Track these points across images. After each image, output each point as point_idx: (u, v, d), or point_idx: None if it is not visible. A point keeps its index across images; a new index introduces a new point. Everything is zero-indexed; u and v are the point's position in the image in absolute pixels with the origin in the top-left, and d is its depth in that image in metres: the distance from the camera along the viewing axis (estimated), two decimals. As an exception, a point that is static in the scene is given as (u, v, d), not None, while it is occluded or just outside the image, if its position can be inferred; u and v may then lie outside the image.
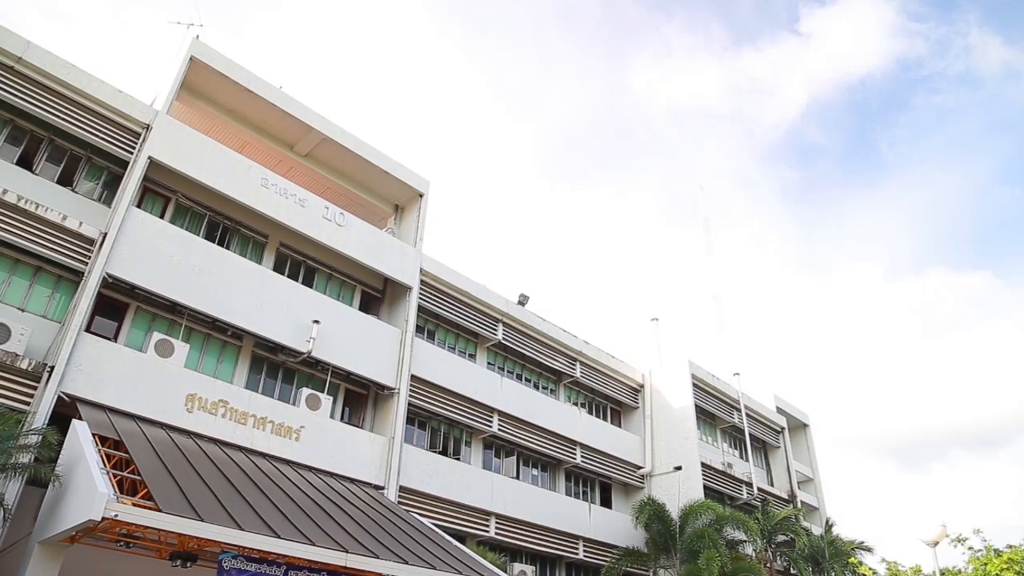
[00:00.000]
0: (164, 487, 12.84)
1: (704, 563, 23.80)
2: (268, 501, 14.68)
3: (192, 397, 17.09)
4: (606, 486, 30.38)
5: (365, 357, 21.22)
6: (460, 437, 25.31)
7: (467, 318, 26.04)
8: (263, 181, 20.09)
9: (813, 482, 40.49)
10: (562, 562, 26.72)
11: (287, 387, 20.46)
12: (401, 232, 24.91)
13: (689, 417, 31.31)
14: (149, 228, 17.61)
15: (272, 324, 19.27)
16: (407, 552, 15.23)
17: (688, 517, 26.12)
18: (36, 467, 12.98)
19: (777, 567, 30.32)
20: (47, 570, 12.47)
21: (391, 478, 20.42)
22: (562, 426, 27.76)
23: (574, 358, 29.94)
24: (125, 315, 17.88)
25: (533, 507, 25.31)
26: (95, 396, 15.53)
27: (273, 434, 18.30)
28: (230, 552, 12.86)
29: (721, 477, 31.94)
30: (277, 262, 21.24)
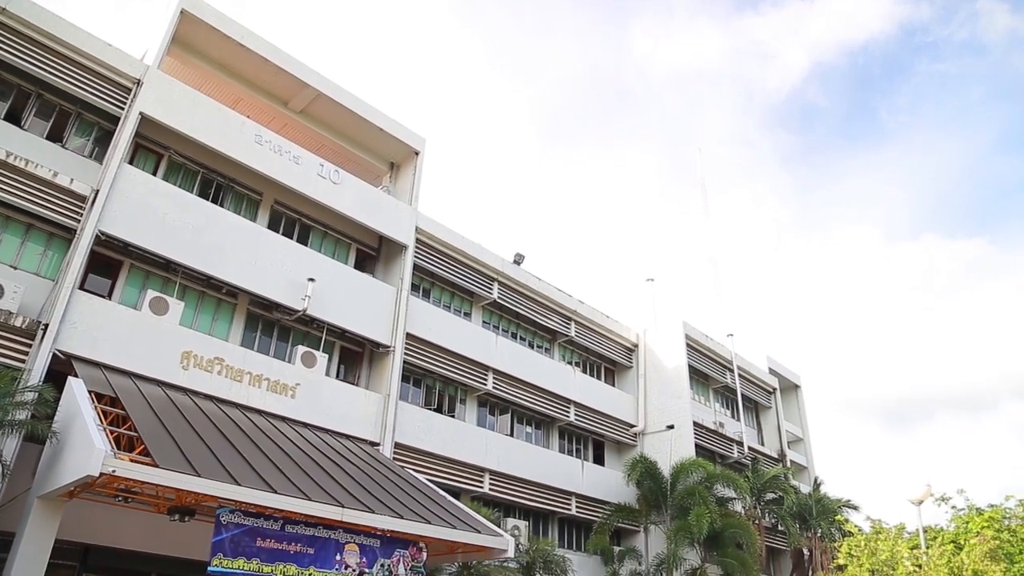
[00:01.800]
0: (161, 443, 12.97)
1: (694, 519, 24.22)
2: (264, 457, 14.85)
3: (187, 355, 17.15)
4: (599, 444, 30.75)
5: (360, 315, 21.27)
6: (455, 395, 25.52)
7: (462, 277, 26.06)
8: (257, 138, 19.90)
9: (803, 442, 41.03)
10: (555, 517, 27.17)
11: (282, 345, 20.54)
12: (396, 190, 24.77)
13: (682, 377, 31.59)
14: (142, 185, 17.49)
15: (267, 282, 19.26)
16: (402, 507, 15.47)
17: (679, 475, 26.50)
18: (33, 424, 13.09)
19: (765, 524, 30.87)
20: (47, 524, 12.66)
21: (386, 435, 20.64)
22: (556, 384, 27.99)
23: (569, 317, 30.06)
24: (119, 273, 17.85)
25: (527, 464, 25.64)
26: (90, 354, 15.59)
27: (269, 391, 18.43)
28: (227, 507, 13.05)
29: (712, 436, 32.33)
30: (271, 220, 21.15)
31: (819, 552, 30.37)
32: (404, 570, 15.32)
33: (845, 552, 13.32)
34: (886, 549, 12.73)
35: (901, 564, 12.53)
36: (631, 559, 26.28)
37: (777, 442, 37.61)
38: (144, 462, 12.08)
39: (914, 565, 12.48)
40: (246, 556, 13.10)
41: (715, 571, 25.61)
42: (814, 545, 30.89)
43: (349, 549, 14.59)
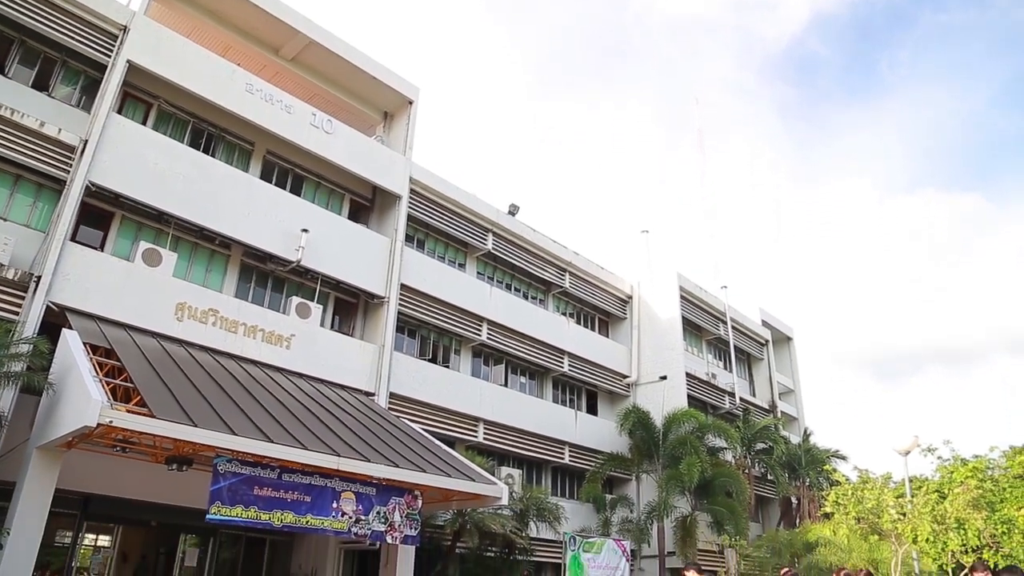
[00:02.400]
0: (157, 394, 13.05)
1: (685, 468, 24.61)
2: (260, 407, 14.97)
3: (182, 306, 17.16)
4: (592, 394, 31.07)
5: (354, 266, 21.25)
6: (449, 345, 25.66)
7: (457, 227, 25.98)
8: (248, 87, 19.59)
9: (794, 393, 41.49)
10: (548, 466, 27.58)
11: (277, 296, 20.55)
12: (390, 140, 24.51)
13: (676, 328, 31.76)
14: (131, 135, 17.27)
15: (260, 233, 19.18)
16: (397, 456, 15.67)
17: (671, 425, 26.83)
18: (29, 376, 13.14)
19: (755, 473, 31.39)
20: (46, 474, 12.80)
21: (381, 385, 20.80)
22: (550, 335, 28.15)
23: (563, 268, 30.08)
24: (111, 224, 17.74)
25: (520, 413, 25.93)
26: (84, 305, 15.57)
27: (264, 342, 18.49)
28: (224, 456, 13.21)
29: (705, 387, 32.66)
30: (264, 170, 20.96)
31: (807, 500, 30.98)
32: (400, 517, 15.59)
33: (832, 500, 13.59)
34: (872, 498, 12.98)
35: (886, 512, 12.79)
36: (623, 507, 26.76)
37: (768, 393, 38.03)
38: (141, 413, 12.17)
39: (899, 513, 12.76)
40: (244, 504, 13.30)
41: (705, 519, 26.12)
42: (802, 494, 31.49)
43: (345, 497, 14.82)
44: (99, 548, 19.39)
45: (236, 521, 13.43)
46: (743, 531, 24.55)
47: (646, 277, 33.59)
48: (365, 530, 15.01)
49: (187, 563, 19.41)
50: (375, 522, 15.13)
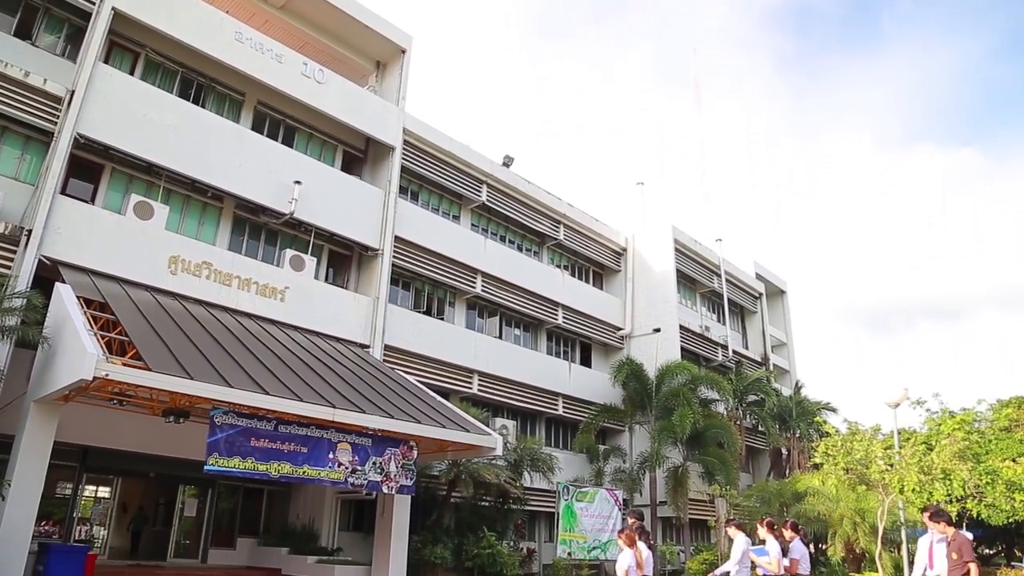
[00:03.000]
0: (152, 347, 13.07)
1: (677, 420, 24.91)
2: (256, 359, 15.03)
3: (175, 259, 17.08)
4: (586, 346, 31.26)
5: (348, 218, 21.13)
6: (444, 297, 25.70)
7: (451, 179, 25.80)
8: (237, 35, 19.20)
9: (786, 347, 41.80)
10: (542, 417, 27.88)
11: (270, 248, 20.47)
12: (383, 90, 24.14)
13: (670, 281, 31.84)
14: (119, 85, 16.96)
15: (252, 185, 19.00)
16: (392, 407, 15.80)
17: (664, 377, 27.07)
18: (24, 329, 13.14)
19: (746, 425, 31.82)
20: (44, 427, 12.89)
21: (376, 337, 20.87)
22: (545, 287, 28.21)
23: (558, 220, 29.99)
24: (101, 177, 17.53)
25: (515, 365, 26.12)
26: (76, 259, 15.49)
27: (258, 295, 18.48)
28: (221, 408, 13.30)
29: (698, 340, 32.87)
30: (255, 121, 20.67)
31: (797, 452, 31.46)
32: (395, 467, 15.80)
33: (822, 451, 13.78)
34: (861, 449, 13.16)
35: (874, 463, 12.99)
36: (616, 457, 27.17)
37: (761, 346, 38.32)
38: (136, 366, 12.20)
39: (887, 464, 12.96)
40: (241, 456, 13.45)
41: (696, 469, 26.54)
42: (792, 445, 31.96)
43: (342, 448, 14.99)
44: (99, 499, 19.69)
45: (234, 472, 13.60)
46: (734, 481, 24.96)
47: (641, 229, 33.55)
48: (361, 480, 15.22)
49: (186, 513, 19.71)
50: (371, 472, 15.33)
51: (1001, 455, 19.82)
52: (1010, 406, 28.73)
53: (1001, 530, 25.23)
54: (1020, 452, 20.16)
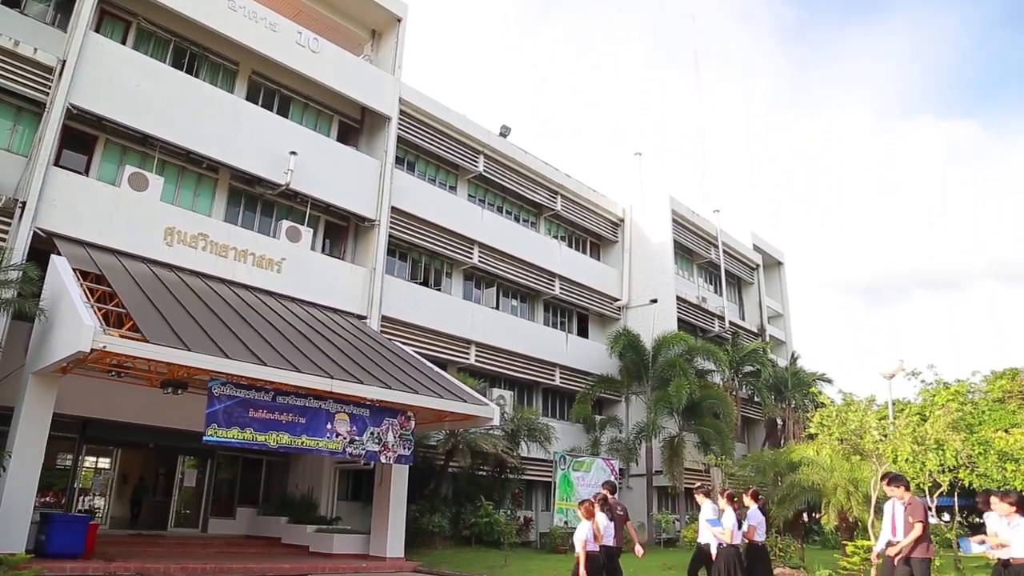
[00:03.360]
0: (149, 319, 13.09)
1: (674, 390, 25.06)
2: (253, 331, 15.06)
3: (171, 231, 17.03)
4: (583, 317, 31.32)
5: (344, 189, 21.03)
6: (441, 268, 25.69)
7: (448, 149, 25.66)
8: (230, 3, 18.91)
9: (782, 318, 41.93)
10: (539, 388, 28.02)
11: (267, 220, 20.40)
12: (378, 60, 23.90)
13: (667, 252, 31.83)
14: (111, 55, 16.75)
15: (248, 156, 18.88)
16: (390, 378, 15.87)
17: (661, 347, 27.19)
18: (20, 302, 13.12)
19: (742, 395, 32.01)
20: (43, 398, 12.95)
21: (373, 308, 20.89)
22: (542, 258, 28.19)
23: (555, 191, 29.88)
24: (94, 148, 17.40)
25: (512, 336, 26.19)
26: (71, 231, 15.43)
27: (255, 266, 18.45)
28: (219, 379, 13.36)
29: (695, 310, 32.95)
30: (250, 91, 20.48)
31: (792, 422, 31.71)
32: (393, 437, 15.92)
33: (817, 422, 13.88)
34: (855, 419, 13.24)
35: (868, 433, 13.08)
36: (612, 427, 27.37)
37: (757, 317, 38.42)
38: (134, 337, 12.23)
39: (881, 434, 13.06)
40: (240, 426, 13.55)
41: (692, 439, 26.77)
42: (787, 416, 32.20)
43: (340, 418, 15.09)
44: (100, 470, 19.81)
45: (232, 443, 13.71)
46: (729, 451, 25.19)
47: (638, 200, 33.43)
48: (359, 450, 15.36)
49: (186, 483, 19.87)
50: (369, 442, 15.46)
51: (994, 425, 20.02)
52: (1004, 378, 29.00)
53: (992, 499, 25.55)
54: (1012, 423, 20.38)
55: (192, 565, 13.87)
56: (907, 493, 8.85)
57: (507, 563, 15.99)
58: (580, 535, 8.94)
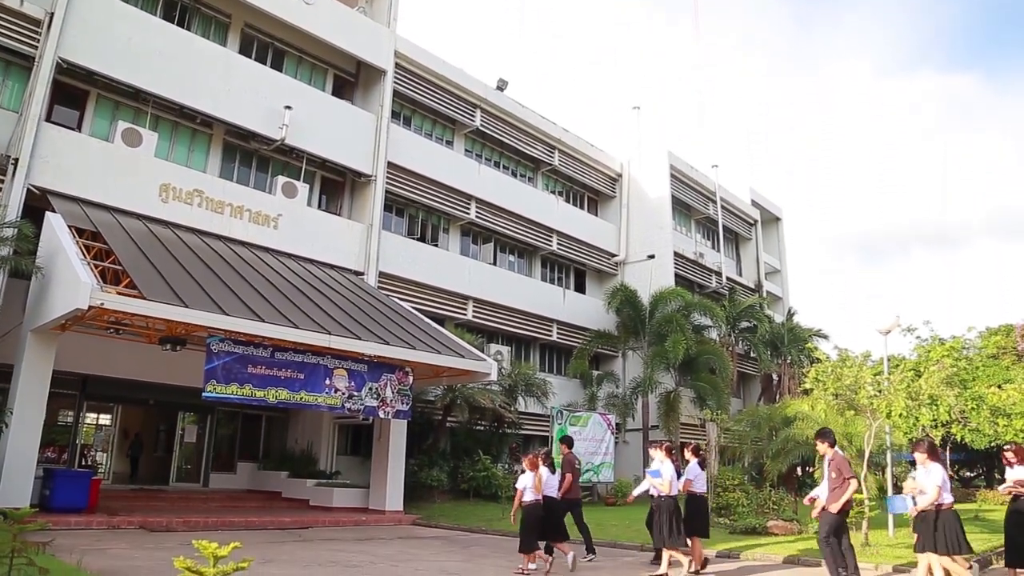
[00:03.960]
0: (146, 275, 13.07)
1: (671, 346, 25.17)
2: (250, 287, 15.06)
3: (166, 187, 16.89)
4: (580, 273, 31.33)
5: (340, 144, 20.82)
6: (438, 224, 25.59)
7: (444, 103, 25.35)
8: (221, -48, 18.52)
9: (780, 274, 41.95)
10: (536, 343, 28.15)
11: (262, 175, 20.24)
12: (373, 12, 23.41)
13: (665, 207, 31.69)
14: (100, 7, 16.40)
15: (242, 110, 18.65)
16: (388, 333, 15.93)
17: (658, 303, 27.24)
18: (16, 260, 13.07)
19: (738, 351, 32.17)
20: (42, 356, 13.00)
21: (370, 264, 20.86)
22: (539, 213, 28.07)
23: (552, 146, 29.62)
24: (86, 103, 17.15)
25: (509, 292, 26.22)
26: (66, 188, 15.31)
27: (251, 222, 18.36)
28: (217, 336, 13.40)
29: (692, 266, 32.95)
30: (243, 45, 20.12)
31: (787, 378, 31.92)
32: (391, 393, 16.05)
33: (812, 377, 13.94)
34: (851, 375, 13.30)
35: (863, 388, 13.17)
36: (609, 382, 27.56)
37: (755, 273, 38.44)
38: (131, 295, 12.23)
39: (875, 390, 13.14)
40: (238, 382, 13.63)
41: (688, 394, 26.98)
42: (783, 371, 32.41)
43: (338, 374, 15.19)
44: (101, 426, 19.98)
45: (232, 398, 13.81)
46: (725, 406, 25.40)
47: (636, 155, 33.16)
48: (358, 405, 15.50)
49: (187, 439, 20.08)
50: (367, 398, 15.58)
51: (987, 381, 20.17)
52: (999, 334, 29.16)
53: (983, 454, 25.94)
54: (1006, 379, 20.54)
55: (194, 519, 14.09)
56: (830, 449, 9.10)
57: (504, 516, 16.20)
58: (519, 484, 9.92)
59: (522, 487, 9.90)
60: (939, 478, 7.89)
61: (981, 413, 17.48)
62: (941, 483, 7.87)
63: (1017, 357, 27.28)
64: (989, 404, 17.70)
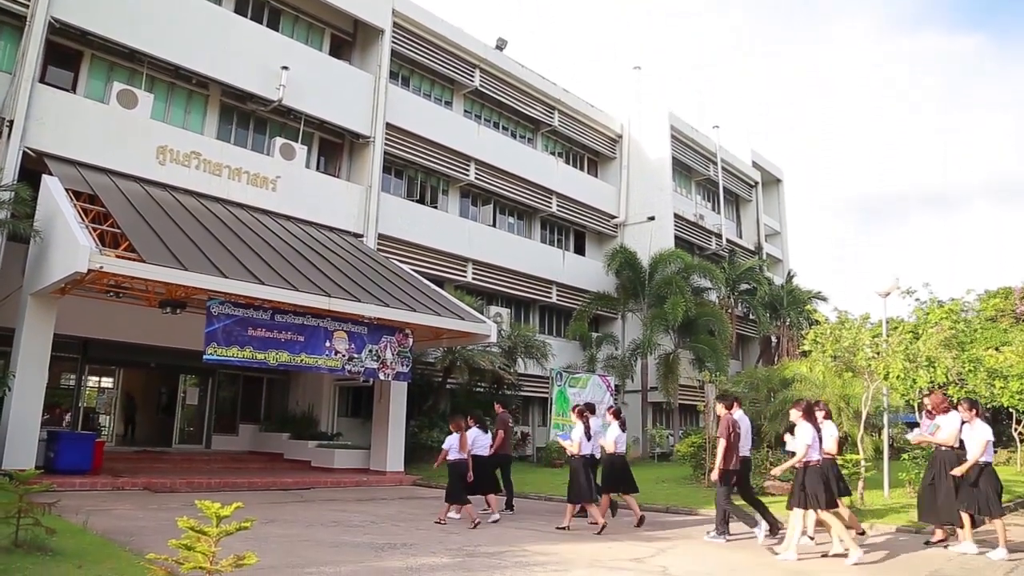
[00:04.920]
0: (145, 239, 13.03)
1: (670, 308, 25.23)
2: (250, 250, 15.04)
3: (163, 149, 16.75)
4: (580, 234, 31.26)
5: (338, 104, 20.61)
6: (437, 186, 25.46)
7: (443, 63, 25.04)
8: (214, -92, 18.13)
9: (780, 236, 41.85)
10: (536, 305, 28.20)
11: (260, 137, 20.07)
12: (370, -32, 23.02)
13: (665, 168, 31.51)
14: (93, -36, 16.11)
15: (238, 71, 18.43)
16: (387, 296, 15.96)
17: (657, 265, 27.24)
18: (14, 223, 13.02)
19: (737, 313, 32.25)
20: (43, 319, 13.02)
21: (369, 226, 20.80)
22: (539, 175, 27.91)
23: (552, 106, 29.34)
24: (80, 64, 16.93)
25: (509, 254, 26.19)
26: (62, 151, 15.17)
27: (249, 185, 18.26)
28: (217, 299, 13.42)
29: (692, 228, 32.87)
30: (238, 4, 19.75)
31: (786, 340, 32.06)
32: (392, 355, 16.13)
33: (811, 339, 13.98)
34: (849, 337, 13.35)
35: (861, 351, 13.23)
36: (608, 344, 27.68)
37: (755, 235, 38.37)
38: (130, 258, 12.21)
39: (874, 352, 13.21)
40: (239, 345, 13.69)
41: (687, 356, 27.10)
42: (782, 333, 32.54)
43: (338, 336, 15.24)
44: (103, 389, 20.10)
45: (232, 361, 13.88)
46: (723, 368, 25.51)
47: (636, 116, 32.86)
48: (358, 367, 15.58)
49: (188, 402, 20.21)
50: (368, 360, 15.66)
51: (985, 344, 20.23)
52: (997, 296, 29.20)
53: (978, 416, 26.10)
54: (1004, 341, 20.60)
55: (197, 480, 14.25)
56: (725, 411, 9.63)
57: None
58: (446, 444, 10.97)
59: (447, 447, 10.90)
60: (808, 436, 8.29)
61: (978, 375, 17.56)
62: (811, 441, 8.26)
63: (1015, 320, 27.38)
64: (986, 366, 17.78)
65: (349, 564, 7.06)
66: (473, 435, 11.26)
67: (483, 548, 8.32)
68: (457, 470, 10.79)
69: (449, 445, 10.91)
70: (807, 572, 7.40)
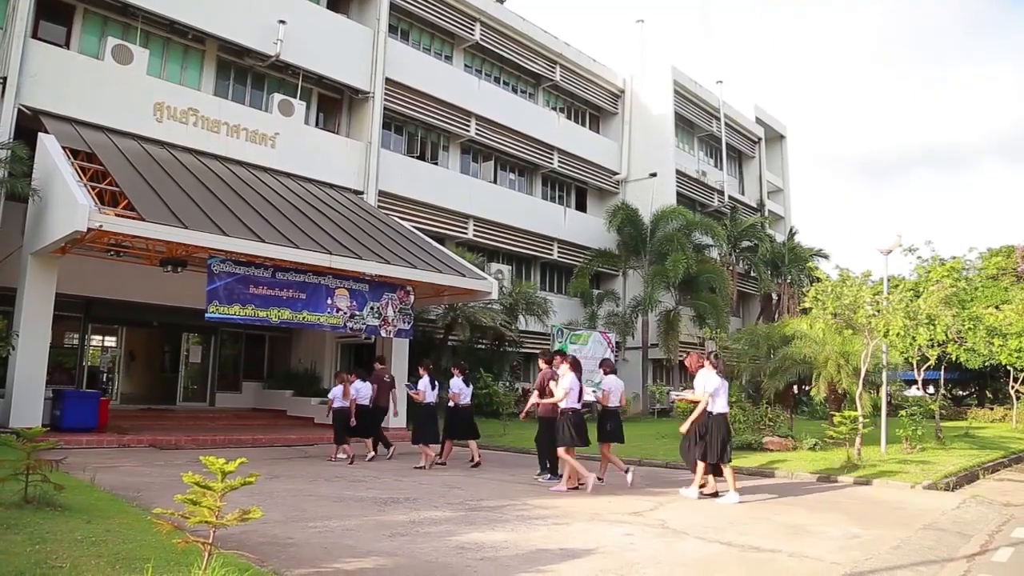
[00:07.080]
0: (144, 197, 12.98)
1: (671, 264, 25.23)
2: (249, 207, 14.98)
3: (160, 106, 16.58)
4: (581, 191, 31.09)
5: (337, 59, 20.34)
6: (438, 142, 25.26)
7: (443, 16, 24.64)
8: None
9: (782, 193, 41.58)
10: (537, 262, 28.19)
11: (258, 93, 19.85)
12: (367, -82, 22.52)
13: (667, 124, 31.20)
14: (84, -86, 15.78)
15: (235, 25, 18.15)
16: (388, 253, 15.95)
17: (659, 222, 27.15)
18: (12, 182, 12.93)
19: (739, 270, 32.21)
20: (44, 279, 13.02)
21: (370, 183, 20.69)
22: (540, 131, 27.67)
23: (554, 61, 28.94)
24: (73, 19, 16.68)
25: (510, 210, 26.09)
26: (57, 108, 15.03)
27: (248, 141, 18.11)
28: (218, 257, 13.40)
29: (694, 185, 32.67)
30: (232, -45, 19.39)
31: (787, 297, 32.08)
32: (393, 312, 16.17)
33: (812, 297, 13.94)
34: (850, 295, 13.31)
35: (862, 308, 13.21)
36: (609, 301, 27.73)
37: (757, 192, 38.14)
38: (130, 216, 12.17)
39: (874, 309, 13.19)
40: (240, 303, 13.71)
41: (688, 313, 27.17)
42: (783, 290, 32.54)
43: (339, 294, 15.27)
44: (107, 348, 20.19)
45: (234, 319, 13.92)
46: (724, 325, 25.61)
47: (639, 70, 32.44)
48: (360, 325, 15.64)
49: (191, 360, 20.33)
50: (369, 317, 15.71)
51: (985, 302, 20.26)
52: (999, 255, 29.14)
53: (976, 374, 26.26)
54: (1004, 299, 20.62)
55: (202, 437, 14.40)
56: (544, 365, 10.59)
57: (505, 432, 16.57)
58: (331, 394, 12.93)
59: (331, 397, 12.81)
60: (567, 383, 9.54)
61: (977, 333, 17.60)
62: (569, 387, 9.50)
63: (1016, 278, 27.33)
64: (986, 324, 17.81)
65: (353, 518, 7.16)
66: (356, 387, 12.72)
67: (485, 502, 8.44)
68: (340, 417, 12.48)
69: (333, 396, 12.72)
70: (800, 526, 7.51)
